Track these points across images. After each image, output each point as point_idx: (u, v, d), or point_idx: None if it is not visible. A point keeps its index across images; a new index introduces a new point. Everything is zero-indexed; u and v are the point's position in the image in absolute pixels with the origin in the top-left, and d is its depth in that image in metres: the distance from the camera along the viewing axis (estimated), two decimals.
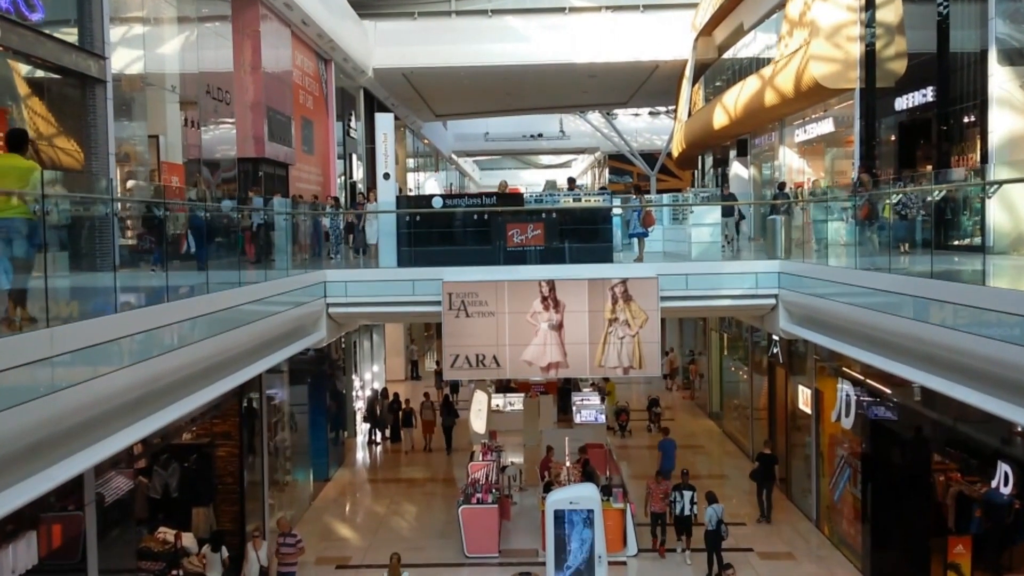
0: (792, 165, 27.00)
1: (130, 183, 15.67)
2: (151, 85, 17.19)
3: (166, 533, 15.01)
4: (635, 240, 17.23)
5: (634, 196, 18.21)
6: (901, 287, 11.02)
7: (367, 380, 29.01)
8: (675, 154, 37.94)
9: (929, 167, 18.52)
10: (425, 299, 15.82)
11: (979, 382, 9.28)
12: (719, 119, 28.28)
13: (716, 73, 31.46)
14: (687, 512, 16.93)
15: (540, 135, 53.43)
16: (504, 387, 28.45)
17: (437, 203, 16.59)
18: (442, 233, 16.94)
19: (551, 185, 23.64)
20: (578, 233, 16.83)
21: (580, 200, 17.61)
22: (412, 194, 36.74)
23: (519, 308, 15.60)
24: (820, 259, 15.16)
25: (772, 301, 15.81)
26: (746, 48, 28.20)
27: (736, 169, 32.03)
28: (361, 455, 25.24)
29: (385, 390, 28.25)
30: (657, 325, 15.58)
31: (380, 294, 15.93)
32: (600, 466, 19.81)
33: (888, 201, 13.02)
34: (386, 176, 16.65)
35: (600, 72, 34.63)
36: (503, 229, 16.60)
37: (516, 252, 16.52)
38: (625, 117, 54.01)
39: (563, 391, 27.50)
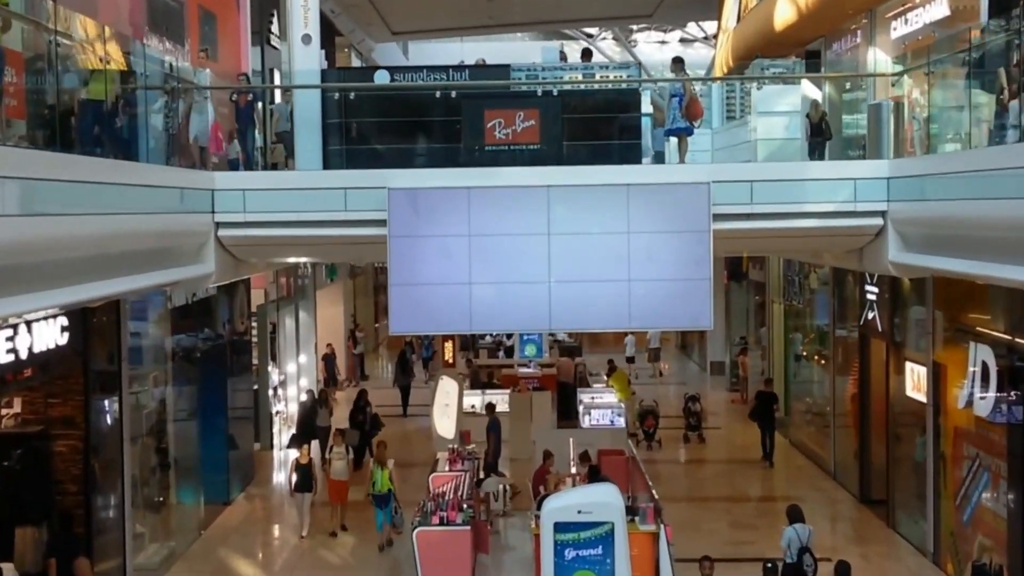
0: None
1: None
2: None
3: None
4: (673, 140, 15.37)
5: (674, 74, 16.33)
6: None
7: (290, 374, 26.97)
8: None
9: None
10: (361, 216, 13.81)
11: None
12: (783, 15, 26.44)
13: None
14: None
15: None
16: (482, 383, 26.80)
17: (382, 77, 14.70)
18: (390, 125, 15.09)
19: (561, 56, 21.68)
20: (591, 125, 14.99)
21: (595, 76, 15.76)
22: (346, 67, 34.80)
23: (499, 230, 13.64)
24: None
25: (878, 220, 13.86)
26: None
27: (805, 91, 30.28)
28: (279, 474, 23.10)
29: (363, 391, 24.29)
30: (708, 254, 13.60)
31: (295, 208, 13.86)
32: (621, 481, 17.76)
33: None
34: (306, 39, 14.66)
35: None
36: (480, 118, 14.74)
37: (499, 152, 14.67)
38: (647, 45, 52.33)
39: (564, 388, 25.70)
